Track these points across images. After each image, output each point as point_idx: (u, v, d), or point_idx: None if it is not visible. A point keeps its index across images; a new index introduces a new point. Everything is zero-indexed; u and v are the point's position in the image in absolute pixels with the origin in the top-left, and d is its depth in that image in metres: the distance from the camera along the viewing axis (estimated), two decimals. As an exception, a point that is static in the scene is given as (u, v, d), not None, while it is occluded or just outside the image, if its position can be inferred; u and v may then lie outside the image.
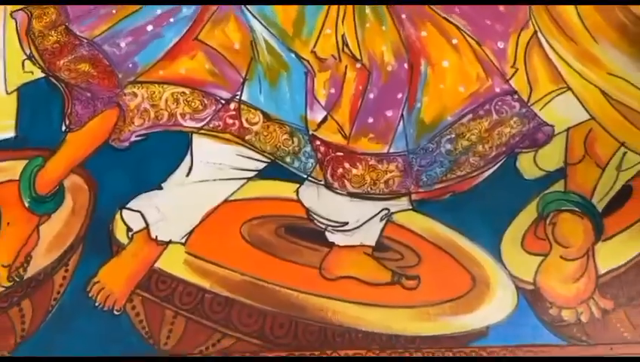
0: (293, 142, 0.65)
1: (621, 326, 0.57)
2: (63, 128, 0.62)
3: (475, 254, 0.60)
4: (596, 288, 0.59)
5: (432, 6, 0.71)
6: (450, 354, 0.56)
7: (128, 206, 0.61)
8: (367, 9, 0.68)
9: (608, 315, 0.58)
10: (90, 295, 0.58)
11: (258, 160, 0.64)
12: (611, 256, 0.60)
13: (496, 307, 0.58)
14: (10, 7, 0.66)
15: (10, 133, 0.62)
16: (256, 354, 0.55)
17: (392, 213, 0.61)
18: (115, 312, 0.57)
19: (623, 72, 0.66)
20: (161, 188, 0.62)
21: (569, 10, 0.69)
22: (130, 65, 0.65)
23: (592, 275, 0.60)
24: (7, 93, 0.64)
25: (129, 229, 0.60)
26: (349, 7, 0.69)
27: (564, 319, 0.58)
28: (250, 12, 0.69)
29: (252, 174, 0.63)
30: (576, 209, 0.62)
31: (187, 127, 0.63)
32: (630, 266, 0.60)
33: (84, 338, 0.56)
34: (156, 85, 0.65)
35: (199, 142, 0.63)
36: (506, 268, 0.60)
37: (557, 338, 0.56)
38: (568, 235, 0.61)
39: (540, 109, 0.64)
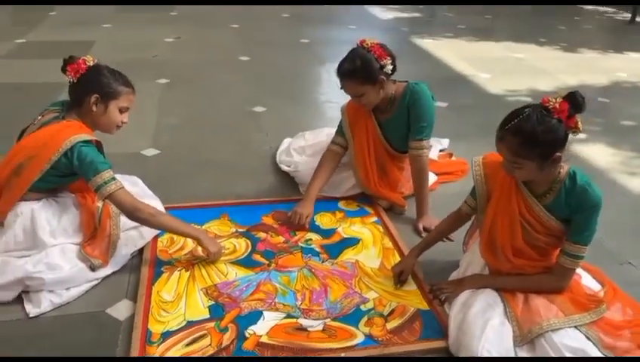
0: (293, 309, 1.70)
1: (396, 335, 1.66)
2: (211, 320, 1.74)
3: (349, 327, 1.57)
4: (386, 323, 1.61)
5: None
6: (345, 354, 1.52)
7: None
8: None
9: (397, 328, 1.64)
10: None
11: (282, 311, 1.68)
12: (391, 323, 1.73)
13: (359, 339, 1.63)
14: (201, 286, 1.85)
15: (207, 316, 1.66)
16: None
17: (326, 322, 1.57)
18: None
19: (391, 284, 1.84)
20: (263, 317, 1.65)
21: (368, 269, 1.89)
22: (239, 296, 1.79)
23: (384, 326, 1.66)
24: (204, 307, 1.71)
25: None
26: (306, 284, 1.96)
27: (376, 337, 1.57)
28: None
29: (284, 316, 1.65)
30: (379, 315, 1.66)
31: (261, 309, 1.71)
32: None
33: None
34: (250, 301, 1.77)
35: (267, 313, 1.68)
36: (359, 329, 1.58)
37: (374, 342, 1.57)
38: (377, 320, 1.64)
39: (365, 295, 1.82)
